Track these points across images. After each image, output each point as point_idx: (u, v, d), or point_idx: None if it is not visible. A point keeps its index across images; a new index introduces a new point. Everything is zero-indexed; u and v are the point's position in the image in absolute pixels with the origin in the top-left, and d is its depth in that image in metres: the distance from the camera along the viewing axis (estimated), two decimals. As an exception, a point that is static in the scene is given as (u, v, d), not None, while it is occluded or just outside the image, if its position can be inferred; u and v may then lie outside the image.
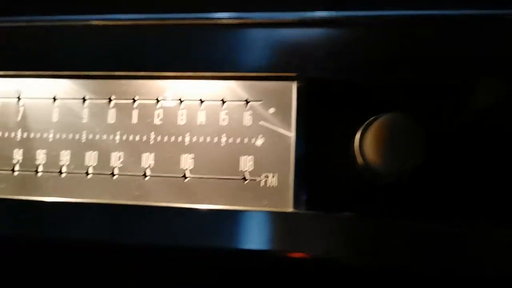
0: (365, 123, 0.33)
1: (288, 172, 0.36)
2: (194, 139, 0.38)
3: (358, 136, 0.33)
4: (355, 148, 0.33)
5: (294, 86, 0.37)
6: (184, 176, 0.37)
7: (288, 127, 0.37)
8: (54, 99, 0.40)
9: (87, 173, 0.38)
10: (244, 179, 0.37)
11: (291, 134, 0.36)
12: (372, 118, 0.33)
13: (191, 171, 0.37)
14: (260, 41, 0.37)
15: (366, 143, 0.32)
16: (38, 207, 0.38)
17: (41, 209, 0.38)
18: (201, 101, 0.38)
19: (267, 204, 0.36)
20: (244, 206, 0.36)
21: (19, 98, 0.40)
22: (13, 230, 0.38)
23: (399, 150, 0.32)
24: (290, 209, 0.35)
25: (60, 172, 0.39)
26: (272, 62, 0.37)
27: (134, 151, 0.38)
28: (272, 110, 0.37)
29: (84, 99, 0.39)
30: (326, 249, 0.35)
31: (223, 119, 0.38)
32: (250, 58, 0.37)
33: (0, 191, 0.39)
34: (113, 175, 0.38)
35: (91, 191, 0.38)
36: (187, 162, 0.37)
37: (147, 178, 0.38)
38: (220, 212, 0.36)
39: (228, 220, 0.35)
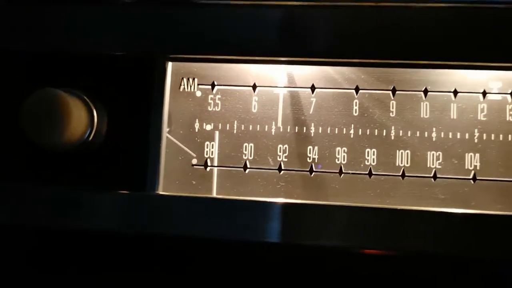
0: None
1: None
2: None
3: None
4: None
5: None
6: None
7: None
8: (357, 89, 0.35)
9: (403, 175, 0.34)
10: None
11: None
12: None
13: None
14: None
15: None
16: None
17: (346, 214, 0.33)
18: (539, 95, 0.33)
19: None
20: None
21: (313, 88, 0.35)
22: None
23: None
24: None
25: (370, 174, 0.34)
26: None
27: (454, 150, 0.34)
28: None
29: (393, 91, 0.34)
30: None
31: None
32: None
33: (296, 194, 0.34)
34: (435, 177, 0.34)
35: (407, 197, 0.34)
36: (522, 163, 0.33)
37: (474, 182, 0.33)
38: None
39: None
